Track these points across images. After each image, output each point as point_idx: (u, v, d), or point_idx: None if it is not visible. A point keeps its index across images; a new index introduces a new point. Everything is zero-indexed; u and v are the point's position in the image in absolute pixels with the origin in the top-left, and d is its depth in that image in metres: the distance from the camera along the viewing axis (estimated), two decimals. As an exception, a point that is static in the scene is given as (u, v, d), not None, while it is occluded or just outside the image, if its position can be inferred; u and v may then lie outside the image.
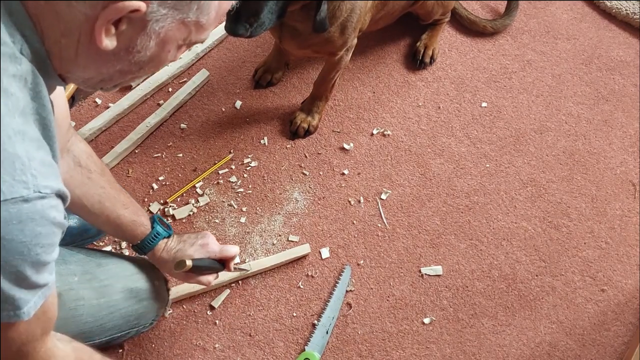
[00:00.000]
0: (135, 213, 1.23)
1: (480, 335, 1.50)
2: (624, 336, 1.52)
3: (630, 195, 1.72)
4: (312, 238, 1.59)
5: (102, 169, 1.22)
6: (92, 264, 1.20)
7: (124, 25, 0.72)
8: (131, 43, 0.75)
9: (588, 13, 2.07)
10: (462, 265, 1.58)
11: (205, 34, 0.81)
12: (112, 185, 1.22)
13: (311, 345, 1.44)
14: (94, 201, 1.18)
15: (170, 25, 0.75)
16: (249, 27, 1.27)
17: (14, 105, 0.70)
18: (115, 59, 0.77)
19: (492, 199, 1.69)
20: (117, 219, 1.21)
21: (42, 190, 0.71)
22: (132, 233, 1.23)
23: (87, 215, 1.22)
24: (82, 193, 1.17)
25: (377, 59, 1.92)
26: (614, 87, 1.91)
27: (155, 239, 1.24)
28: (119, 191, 1.23)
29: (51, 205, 0.74)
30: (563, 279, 1.58)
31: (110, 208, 1.20)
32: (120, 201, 1.21)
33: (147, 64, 0.80)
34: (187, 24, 0.77)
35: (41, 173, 0.72)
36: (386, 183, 1.69)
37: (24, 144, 0.71)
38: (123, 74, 0.81)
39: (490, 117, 1.83)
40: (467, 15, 1.97)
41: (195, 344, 1.44)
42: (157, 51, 0.78)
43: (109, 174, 1.24)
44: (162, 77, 1.80)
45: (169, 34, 0.76)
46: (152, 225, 1.24)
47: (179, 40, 0.79)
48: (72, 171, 1.16)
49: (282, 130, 1.76)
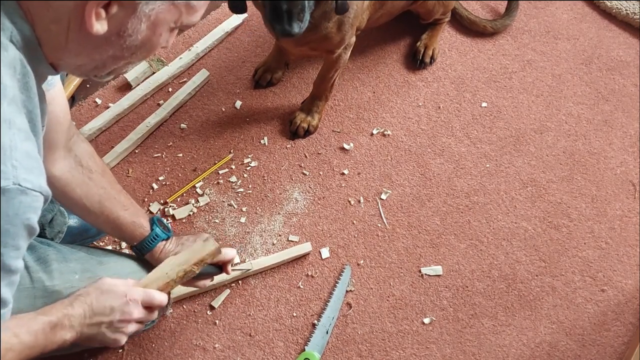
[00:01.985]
0: (135, 214, 1.23)
1: (480, 335, 1.50)
2: (624, 336, 1.52)
3: (630, 195, 1.72)
4: (312, 238, 1.59)
5: (103, 169, 1.22)
6: (93, 262, 1.20)
7: (114, 9, 0.72)
8: (122, 27, 0.75)
9: (588, 13, 2.07)
10: (462, 265, 1.58)
11: (195, 15, 0.81)
12: (112, 186, 1.22)
13: (311, 345, 1.44)
14: (94, 201, 1.19)
15: (160, 7, 0.75)
16: (301, 24, 1.29)
17: (3, 92, 0.69)
18: (106, 44, 0.77)
19: (492, 199, 1.69)
20: (117, 219, 1.21)
21: (22, 183, 0.70)
22: (131, 234, 1.23)
23: (86, 215, 1.22)
24: (82, 193, 1.17)
25: (377, 59, 1.92)
26: (614, 87, 1.91)
27: (154, 241, 1.24)
28: (119, 192, 1.23)
29: (29, 204, 0.72)
30: (563, 279, 1.58)
31: (110, 209, 1.20)
32: (120, 202, 1.22)
33: (139, 49, 0.80)
34: (177, 6, 0.77)
35: (23, 165, 0.71)
36: (386, 183, 1.69)
37: (10, 133, 0.69)
38: (116, 60, 0.81)
39: (490, 117, 1.83)
40: (467, 15, 1.97)
41: (195, 344, 1.44)
42: (149, 34, 0.78)
43: (110, 174, 1.24)
44: (162, 77, 1.80)
45: (160, 16, 0.76)
46: (152, 227, 1.25)
47: (170, 22, 0.79)
48: (73, 170, 1.17)
49: (282, 130, 1.76)
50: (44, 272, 1.12)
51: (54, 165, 1.13)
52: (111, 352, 1.41)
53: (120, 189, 1.24)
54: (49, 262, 1.13)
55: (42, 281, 1.11)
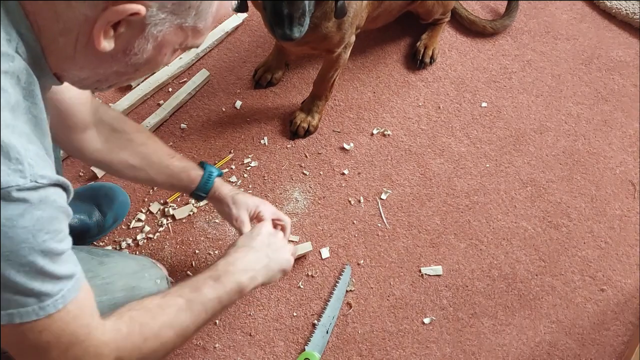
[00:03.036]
0: (183, 159, 1.29)
1: (480, 334, 1.50)
2: (624, 336, 1.52)
3: (630, 195, 1.72)
4: (312, 238, 1.59)
5: (137, 128, 1.25)
6: (94, 262, 1.21)
7: (122, 28, 0.73)
8: (129, 45, 0.76)
9: (588, 13, 2.07)
10: (462, 265, 1.59)
11: (201, 39, 0.82)
12: (152, 140, 1.26)
13: (311, 345, 1.44)
14: (141, 158, 1.23)
15: (168, 29, 0.76)
16: (301, 28, 1.30)
17: (6, 100, 0.71)
18: (112, 60, 0.77)
19: (492, 198, 1.69)
20: (167, 168, 1.26)
21: (38, 180, 0.71)
22: (186, 179, 1.28)
23: (138, 172, 1.26)
24: (127, 154, 1.22)
25: (377, 59, 1.92)
26: (613, 87, 1.92)
27: (210, 179, 1.29)
28: (161, 144, 1.27)
29: (54, 192, 0.74)
30: (563, 278, 1.59)
31: (158, 160, 1.25)
32: (165, 152, 1.26)
33: (143, 66, 0.81)
34: (184, 29, 0.78)
35: (37, 163, 0.72)
36: (386, 183, 1.69)
37: (15, 136, 0.71)
38: (119, 75, 0.82)
39: (490, 117, 1.83)
40: (467, 15, 1.97)
41: (195, 344, 1.44)
42: (154, 54, 0.79)
43: (146, 130, 1.27)
44: (162, 77, 1.80)
45: (167, 37, 0.77)
46: (203, 167, 1.30)
47: (176, 44, 0.80)
48: (110, 137, 1.20)
49: (282, 130, 1.76)
50: None
51: (91, 141, 1.18)
52: (112, 352, 1.41)
53: (160, 141, 1.28)
54: None
55: None
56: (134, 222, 1.58)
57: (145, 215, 1.59)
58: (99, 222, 1.51)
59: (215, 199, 1.32)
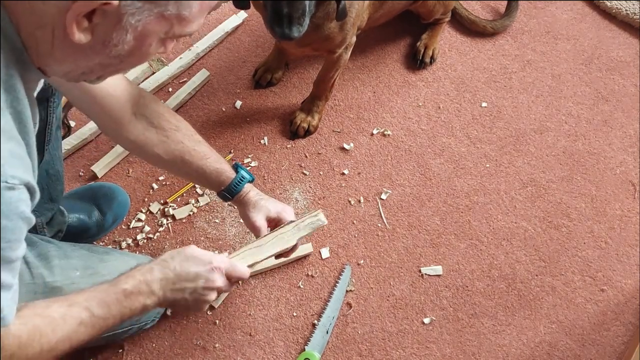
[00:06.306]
0: (218, 161, 1.28)
1: (480, 335, 1.50)
2: (624, 336, 1.52)
3: (630, 195, 1.72)
4: (312, 238, 1.59)
5: (177, 125, 1.25)
6: (95, 259, 1.21)
7: (97, 19, 0.71)
8: (107, 37, 0.74)
9: (588, 13, 2.07)
10: (462, 265, 1.59)
11: (190, 26, 0.79)
12: (190, 139, 1.26)
13: (311, 345, 1.44)
14: (175, 156, 1.24)
15: (147, 18, 0.74)
16: (301, 28, 1.30)
17: None
18: (92, 52, 0.76)
19: (492, 199, 1.69)
20: (200, 169, 1.26)
21: (8, 180, 0.70)
22: (216, 180, 1.29)
23: (171, 168, 1.30)
24: (161, 151, 1.22)
25: (377, 59, 1.92)
26: (613, 87, 1.92)
27: (241, 183, 1.30)
28: (198, 143, 1.27)
29: (20, 198, 0.73)
30: (563, 278, 1.59)
31: (191, 161, 1.25)
32: (200, 153, 1.26)
33: (128, 57, 0.79)
34: (167, 17, 0.75)
35: (8, 162, 0.71)
36: (386, 183, 1.69)
37: None
38: (103, 67, 0.80)
39: (490, 117, 1.83)
40: (467, 15, 1.97)
41: (195, 344, 1.44)
42: (137, 45, 0.77)
43: (186, 127, 1.27)
44: (162, 77, 1.80)
45: (148, 27, 0.75)
46: (236, 170, 1.30)
47: (160, 33, 0.77)
48: (147, 132, 1.21)
49: (282, 130, 1.76)
50: (44, 268, 1.12)
51: (128, 133, 1.19)
52: (111, 352, 1.41)
53: (199, 140, 1.28)
54: (50, 259, 1.13)
55: (43, 277, 1.11)
56: (134, 222, 1.58)
57: (145, 215, 1.59)
58: (99, 222, 1.51)
59: (239, 202, 1.32)
